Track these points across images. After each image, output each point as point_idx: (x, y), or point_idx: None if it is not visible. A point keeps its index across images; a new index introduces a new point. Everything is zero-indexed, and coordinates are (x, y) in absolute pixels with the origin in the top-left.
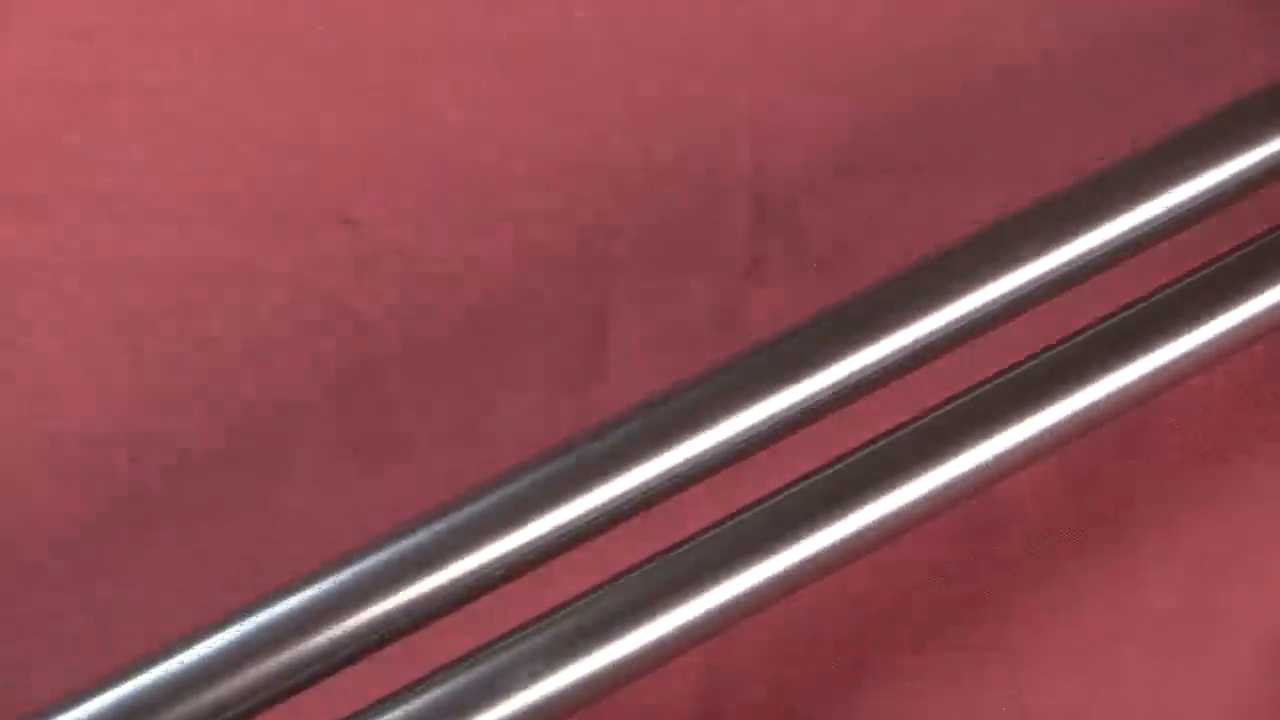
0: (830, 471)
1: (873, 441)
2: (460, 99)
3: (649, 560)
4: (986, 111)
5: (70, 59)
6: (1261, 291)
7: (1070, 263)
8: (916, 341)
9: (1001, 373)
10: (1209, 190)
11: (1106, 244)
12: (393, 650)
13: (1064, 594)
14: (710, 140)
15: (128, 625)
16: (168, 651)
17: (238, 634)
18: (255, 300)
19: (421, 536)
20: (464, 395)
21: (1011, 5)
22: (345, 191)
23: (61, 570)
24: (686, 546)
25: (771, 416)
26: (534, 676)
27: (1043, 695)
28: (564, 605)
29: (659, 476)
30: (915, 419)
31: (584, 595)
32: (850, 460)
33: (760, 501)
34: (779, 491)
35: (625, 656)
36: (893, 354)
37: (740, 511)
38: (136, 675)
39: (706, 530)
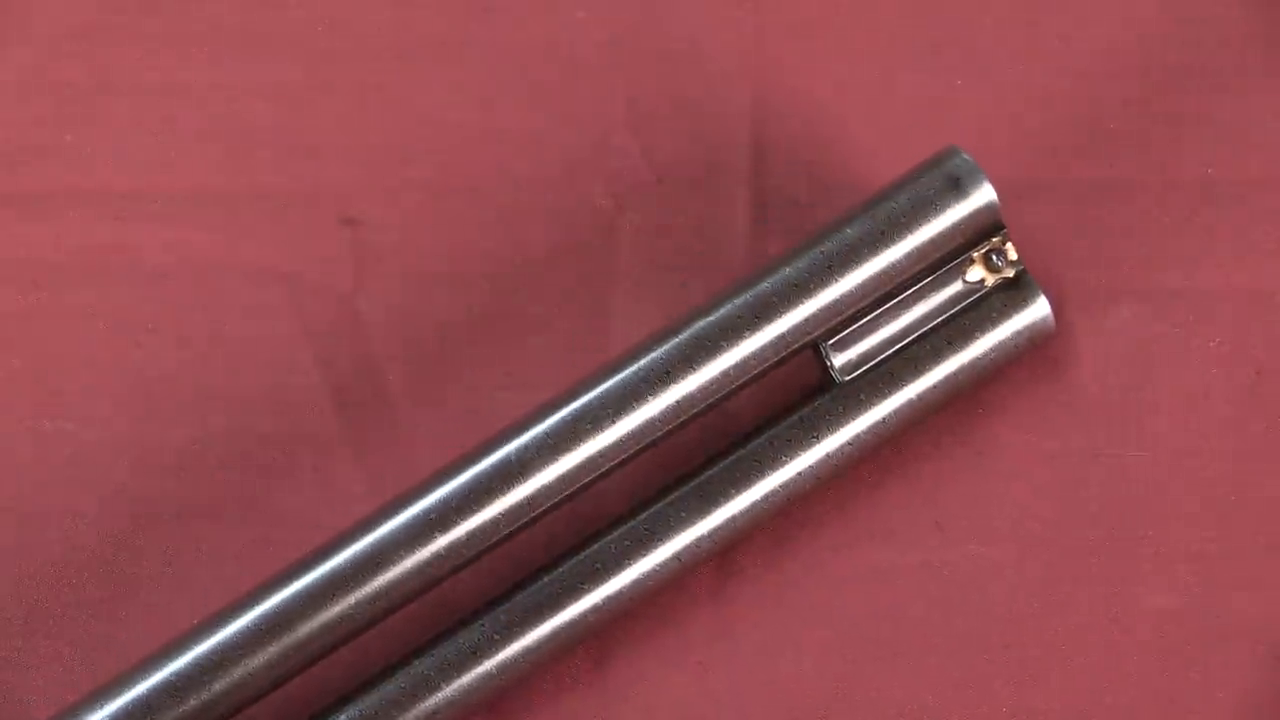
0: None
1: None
2: (460, 99)
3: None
4: (986, 113)
5: (70, 59)
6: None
7: None
8: None
9: None
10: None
11: None
12: None
13: (1064, 594)
14: (710, 140)
15: (128, 623)
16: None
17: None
18: (255, 300)
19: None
20: (465, 395)
21: (1008, 7)
22: (345, 191)
23: (60, 567)
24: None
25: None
26: None
27: (1043, 695)
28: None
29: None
30: None
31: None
32: None
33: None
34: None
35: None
36: None
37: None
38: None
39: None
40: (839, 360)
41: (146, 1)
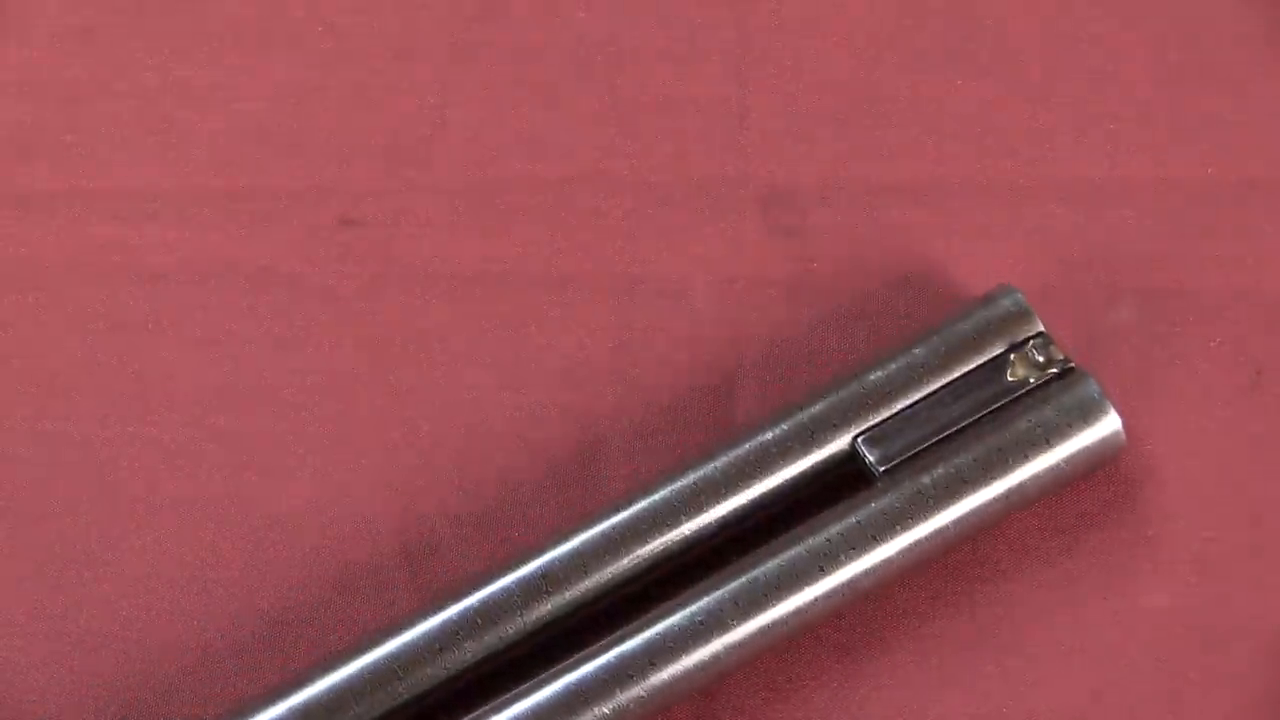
0: None
1: None
2: (460, 99)
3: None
4: (985, 114)
5: (70, 59)
6: None
7: None
8: None
9: None
10: None
11: None
12: None
13: (1064, 594)
14: (710, 140)
15: (130, 623)
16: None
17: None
18: (255, 300)
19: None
20: (467, 393)
21: (1008, 6)
22: (345, 191)
23: (60, 567)
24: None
25: None
26: None
27: (1043, 695)
28: None
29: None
30: None
31: None
32: None
33: None
34: None
35: None
36: None
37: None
38: None
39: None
40: (875, 455)
41: (146, 1)
